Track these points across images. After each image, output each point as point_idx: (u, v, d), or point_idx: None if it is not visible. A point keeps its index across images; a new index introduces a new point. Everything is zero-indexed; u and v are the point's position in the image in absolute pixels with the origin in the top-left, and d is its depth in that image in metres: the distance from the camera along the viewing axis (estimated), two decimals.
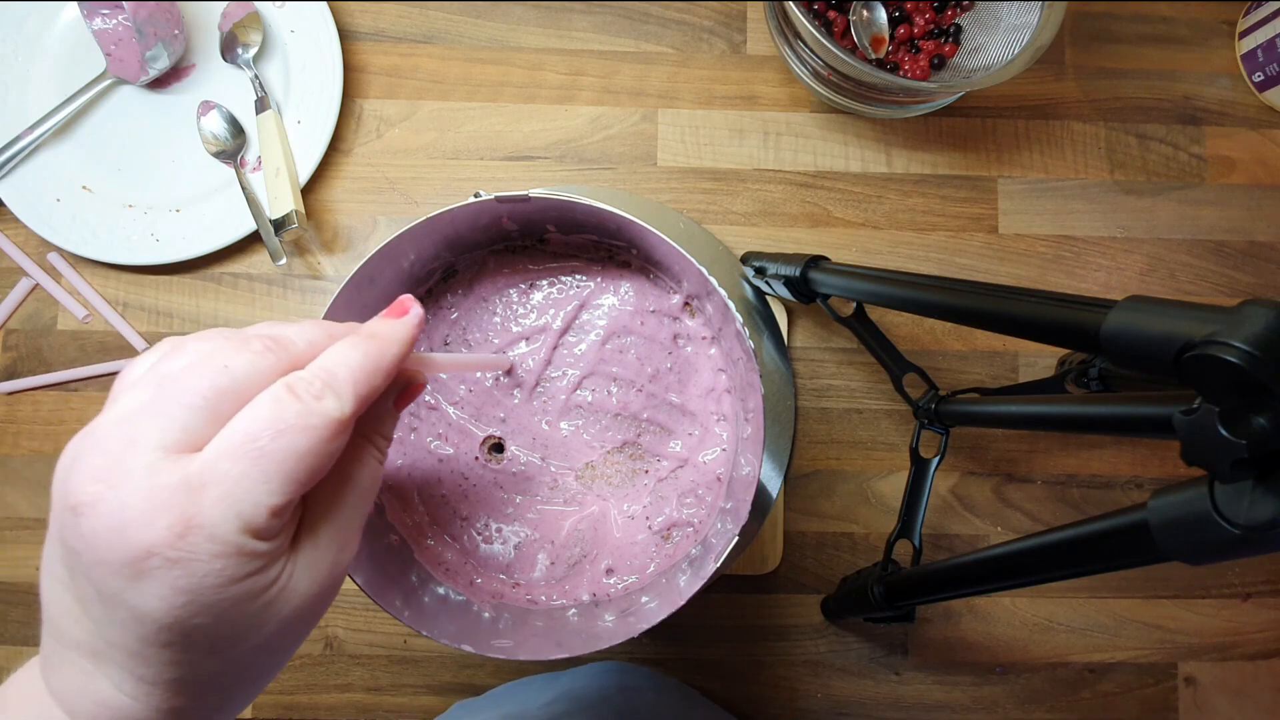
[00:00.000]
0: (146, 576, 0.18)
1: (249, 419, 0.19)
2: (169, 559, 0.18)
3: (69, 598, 0.20)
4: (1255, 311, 0.17)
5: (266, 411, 0.19)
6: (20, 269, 0.51)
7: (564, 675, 0.47)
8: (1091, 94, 0.55)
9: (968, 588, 0.32)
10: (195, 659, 0.20)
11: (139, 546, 0.18)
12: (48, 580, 0.21)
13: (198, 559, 0.18)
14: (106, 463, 0.18)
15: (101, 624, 0.20)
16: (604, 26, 0.54)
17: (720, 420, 0.41)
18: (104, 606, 0.19)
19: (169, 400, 0.19)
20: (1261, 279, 0.54)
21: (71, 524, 0.19)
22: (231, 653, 0.20)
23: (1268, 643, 0.51)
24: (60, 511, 0.19)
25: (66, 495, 0.19)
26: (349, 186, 0.52)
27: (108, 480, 0.18)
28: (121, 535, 0.18)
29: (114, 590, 0.19)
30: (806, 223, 0.53)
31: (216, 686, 0.21)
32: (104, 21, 0.49)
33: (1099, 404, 0.32)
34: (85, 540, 0.18)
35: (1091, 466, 0.52)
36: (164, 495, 0.18)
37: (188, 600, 0.19)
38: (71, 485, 0.19)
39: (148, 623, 0.19)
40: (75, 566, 0.19)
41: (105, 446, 0.19)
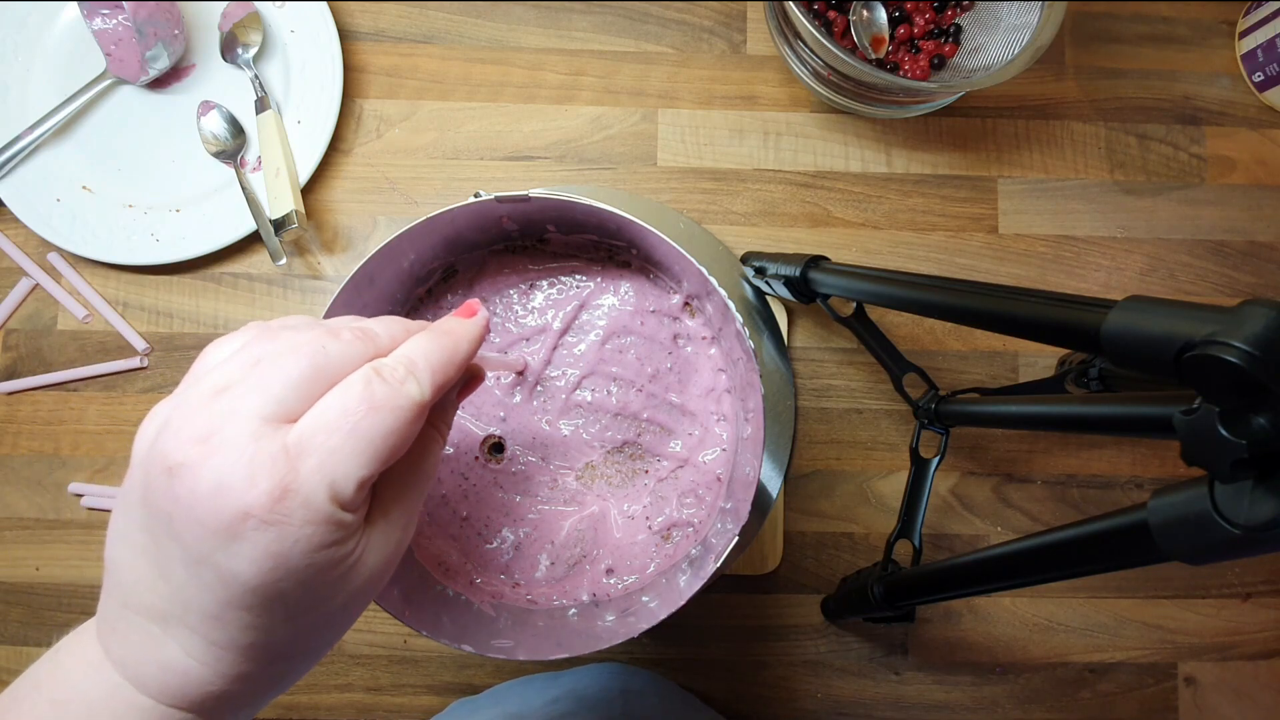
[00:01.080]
0: (241, 538, 0.19)
1: (343, 396, 0.21)
2: (265, 522, 0.19)
3: (144, 562, 0.21)
4: (1255, 311, 0.17)
5: (359, 390, 0.21)
6: (20, 269, 0.51)
7: (565, 675, 0.47)
8: (1091, 94, 0.55)
9: (968, 588, 0.32)
10: (271, 624, 0.21)
11: (237, 508, 0.19)
12: (119, 546, 0.21)
13: (291, 524, 0.19)
14: (206, 428, 0.19)
15: (182, 587, 0.20)
16: (604, 26, 0.54)
17: (720, 420, 0.41)
18: (189, 569, 0.20)
19: (269, 375, 0.20)
20: (1261, 279, 0.54)
21: (165, 485, 0.19)
22: (304, 620, 0.21)
23: (1268, 643, 0.51)
24: (152, 474, 0.20)
25: (162, 457, 0.19)
26: (349, 186, 0.52)
27: (208, 444, 0.19)
28: (220, 497, 0.19)
29: (205, 552, 0.19)
30: (806, 223, 0.53)
31: (283, 654, 0.22)
32: (104, 21, 0.49)
33: (1099, 404, 0.32)
34: (181, 501, 0.19)
35: (1091, 466, 0.52)
36: (264, 461, 0.19)
37: (276, 564, 0.19)
38: (166, 448, 0.19)
39: (234, 585, 0.19)
40: (161, 529, 0.20)
41: (204, 413, 0.20)
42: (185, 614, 0.20)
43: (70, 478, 0.50)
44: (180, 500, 0.19)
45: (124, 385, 0.51)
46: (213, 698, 0.21)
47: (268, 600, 0.20)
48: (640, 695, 0.46)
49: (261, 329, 0.22)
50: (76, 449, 0.50)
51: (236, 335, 0.22)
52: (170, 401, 0.21)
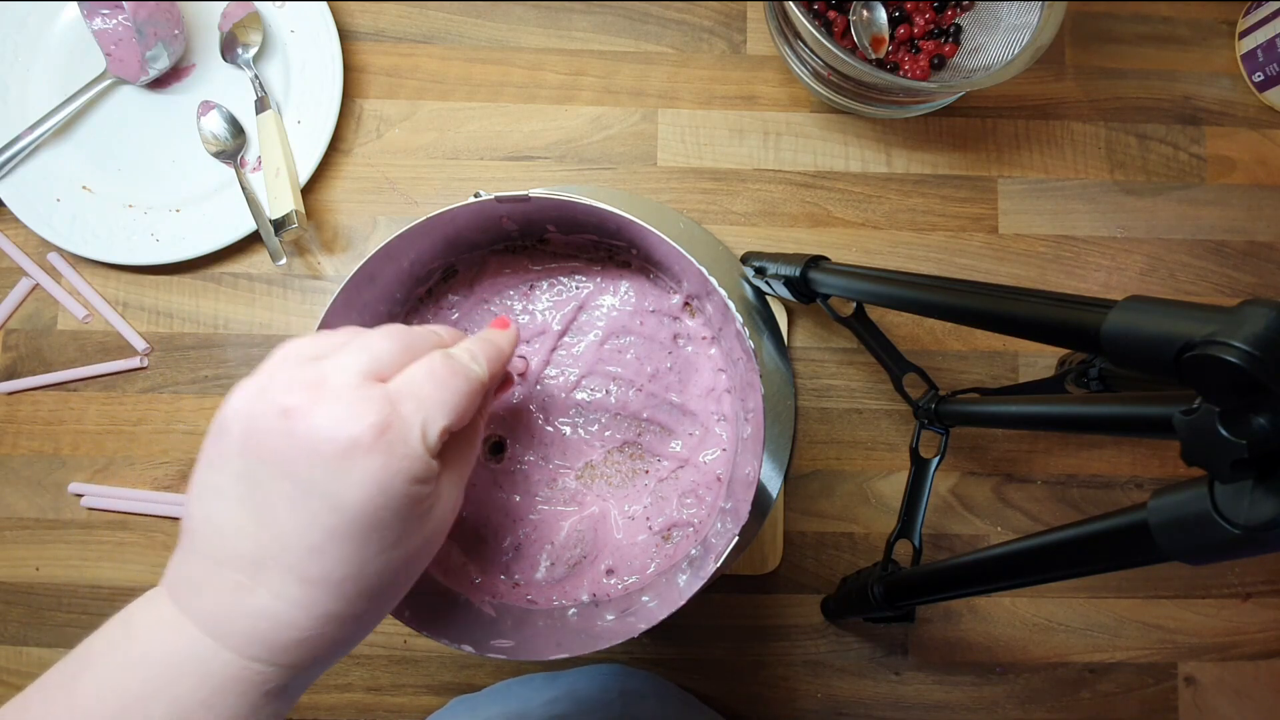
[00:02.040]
0: (351, 465, 0.22)
1: (429, 363, 0.25)
2: (371, 450, 0.22)
3: (241, 511, 0.23)
4: (1255, 311, 0.17)
5: (440, 360, 0.25)
6: (20, 269, 0.51)
7: (564, 675, 0.47)
8: (1091, 94, 0.55)
9: (968, 588, 0.32)
10: (365, 556, 0.23)
11: (350, 438, 0.22)
12: (210, 502, 0.23)
13: (393, 455, 0.22)
14: (316, 377, 0.23)
15: (284, 526, 0.22)
16: (604, 26, 0.54)
17: (720, 420, 0.41)
18: (296, 504, 0.22)
19: (366, 343, 0.24)
20: (1261, 279, 0.54)
21: (280, 426, 0.22)
22: (393, 554, 0.23)
23: (1268, 643, 0.51)
24: (260, 422, 0.22)
25: (273, 404, 0.22)
26: (349, 186, 0.52)
27: (320, 389, 0.23)
28: (335, 429, 0.22)
29: (316, 481, 0.22)
30: (806, 223, 0.53)
31: (368, 592, 0.23)
32: (104, 21, 0.49)
33: (1099, 404, 0.32)
34: (295, 438, 0.22)
35: (1091, 466, 0.52)
36: (369, 401, 0.23)
37: (379, 490, 0.22)
38: (276, 396, 0.22)
39: (342, 512, 0.22)
40: (267, 472, 0.22)
41: (309, 370, 0.23)
42: (284, 553, 0.22)
43: (70, 478, 0.50)
44: (296, 435, 0.22)
45: (124, 385, 0.51)
46: (296, 643, 0.23)
47: (367, 529, 0.22)
48: (640, 696, 0.46)
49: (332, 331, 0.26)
50: (76, 449, 0.50)
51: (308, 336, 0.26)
52: (258, 376, 0.24)
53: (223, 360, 0.51)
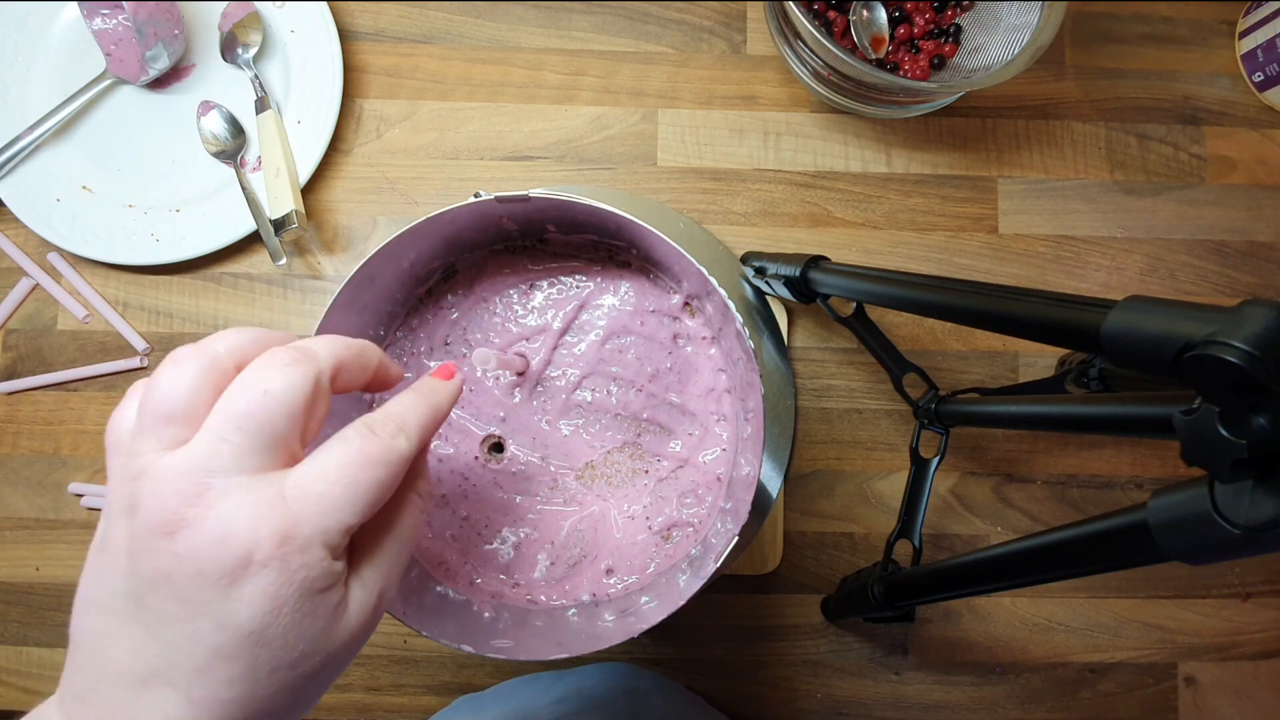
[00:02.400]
0: (242, 583, 0.20)
1: (342, 451, 0.22)
2: (264, 565, 0.20)
3: (122, 627, 0.21)
4: (1255, 311, 0.17)
5: (356, 445, 0.22)
6: (20, 269, 0.51)
7: (570, 674, 0.47)
8: (1091, 94, 0.55)
9: (968, 588, 0.32)
10: (255, 676, 0.21)
11: (241, 553, 0.20)
12: (92, 615, 0.22)
13: (289, 567, 0.21)
14: (194, 489, 0.20)
15: (171, 644, 0.21)
16: (604, 26, 0.54)
17: (720, 420, 0.41)
18: (183, 624, 0.20)
19: (234, 429, 0.21)
20: (1261, 279, 0.54)
21: (162, 546, 0.20)
22: (286, 674, 0.22)
23: (1268, 643, 0.51)
24: (144, 540, 0.20)
25: (155, 524, 0.20)
26: (349, 186, 0.52)
27: (202, 501, 0.20)
28: (224, 545, 0.20)
29: (203, 600, 0.20)
30: (806, 223, 0.53)
31: (261, 713, 0.22)
32: (104, 21, 0.49)
33: (1099, 404, 0.32)
34: (181, 556, 0.20)
35: (1091, 466, 0.52)
36: (263, 508, 0.20)
37: (273, 607, 0.21)
38: (154, 514, 0.20)
39: (229, 630, 0.20)
40: (153, 589, 0.21)
41: (185, 479, 0.20)
42: (169, 671, 0.21)
43: (70, 478, 0.50)
44: (182, 555, 0.20)
45: (124, 385, 0.51)
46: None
47: (257, 647, 0.21)
48: (645, 696, 0.46)
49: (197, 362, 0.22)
50: (76, 449, 0.50)
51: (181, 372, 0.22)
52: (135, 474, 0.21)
53: None
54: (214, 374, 0.22)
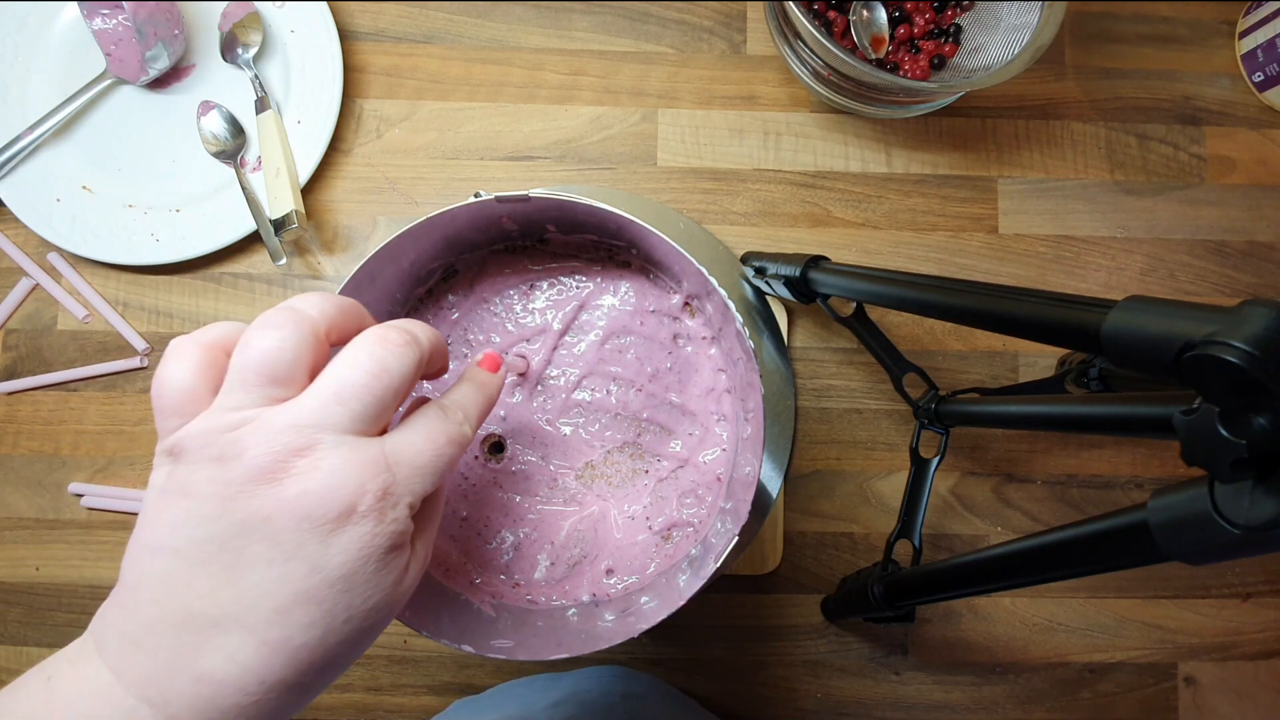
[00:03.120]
0: (343, 530, 0.22)
1: (428, 427, 0.25)
2: (365, 516, 0.22)
3: (197, 570, 0.22)
4: (1255, 311, 0.17)
5: (438, 424, 0.25)
6: (20, 269, 0.51)
7: (567, 677, 0.47)
8: (1091, 94, 0.55)
9: (968, 588, 0.32)
10: (332, 622, 0.22)
11: (346, 503, 0.22)
12: (160, 558, 0.22)
13: (384, 520, 0.23)
14: (304, 441, 0.22)
15: (255, 584, 0.21)
16: (604, 26, 0.54)
17: (720, 420, 0.41)
18: (272, 565, 0.21)
19: (347, 393, 0.23)
20: (1261, 279, 0.54)
21: (266, 490, 0.21)
22: (357, 624, 0.23)
23: (1268, 643, 0.51)
24: (240, 484, 0.22)
25: (256, 470, 0.21)
26: (349, 186, 0.52)
27: (313, 454, 0.22)
28: (332, 493, 0.22)
29: (301, 543, 0.21)
30: (806, 223, 0.53)
31: (321, 662, 0.23)
32: (104, 21, 0.49)
33: (1099, 404, 0.32)
34: (287, 501, 0.21)
35: (1091, 466, 0.52)
36: (368, 466, 0.22)
37: (364, 556, 0.22)
38: (259, 461, 0.22)
39: (321, 573, 0.22)
40: (242, 531, 0.21)
41: (295, 431, 0.22)
42: (245, 614, 0.21)
43: (70, 478, 0.50)
44: (287, 501, 0.21)
45: (124, 385, 0.51)
46: (237, 711, 0.22)
47: (341, 593, 0.22)
48: (642, 699, 0.46)
49: (299, 328, 0.24)
50: (76, 449, 0.50)
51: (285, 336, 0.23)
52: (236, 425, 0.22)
53: None
54: (313, 341, 0.24)
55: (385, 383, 0.24)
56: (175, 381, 0.24)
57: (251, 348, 0.23)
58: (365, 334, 0.25)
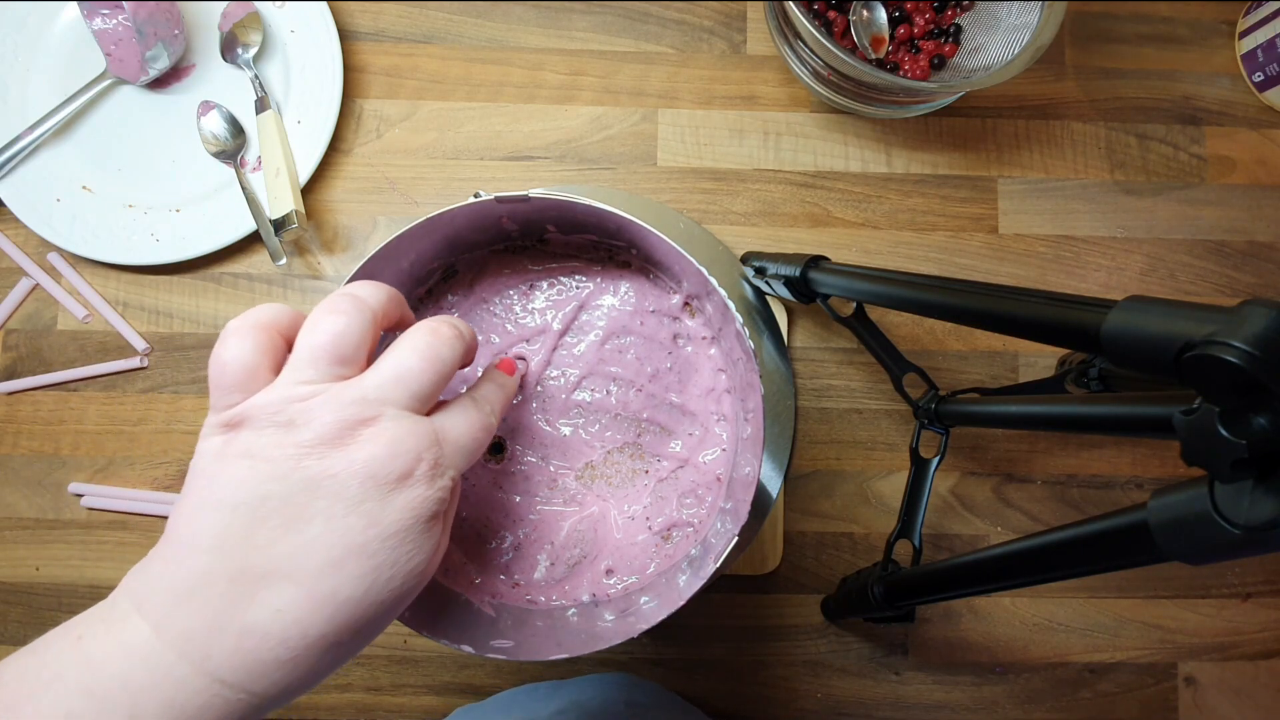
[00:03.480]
0: (401, 490, 0.24)
1: (467, 413, 0.28)
2: (420, 480, 0.25)
3: (258, 524, 0.23)
4: (1255, 311, 0.17)
5: (475, 412, 0.28)
6: (20, 269, 0.51)
7: (569, 684, 0.47)
8: (1091, 94, 0.55)
9: (968, 588, 0.32)
10: (378, 578, 0.24)
11: (406, 466, 0.24)
12: (220, 514, 0.23)
13: (434, 487, 0.25)
14: (369, 412, 0.25)
15: (313, 537, 0.23)
16: (604, 26, 0.54)
17: (720, 420, 0.41)
18: (332, 520, 0.23)
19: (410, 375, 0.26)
20: (1261, 279, 0.54)
21: (333, 453, 0.24)
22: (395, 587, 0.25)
23: (1268, 643, 0.51)
24: (309, 446, 0.24)
25: (325, 434, 0.24)
26: (349, 186, 0.52)
27: (376, 424, 0.25)
28: (395, 457, 0.24)
29: (363, 498, 0.24)
30: (806, 223, 0.53)
31: (360, 620, 0.24)
32: (104, 21, 0.49)
33: (1099, 404, 0.32)
34: (354, 461, 0.24)
35: (1091, 466, 0.52)
36: (424, 439, 0.25)
37: (415, 517, 0.25)
38: (329, 428, 0.24)
39: (378, 527, 0.24)
40: (307, 488, 0.23)
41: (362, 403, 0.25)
42: (298, 568, 0.23)
43: (70, 478, 0.50)
44: (355, 461, 0.24)
45: (124, 385, 0.51)
46: (277, 665, 0.23)
47: (391, 550, 0.24)
48: (645, 709, 0.46)
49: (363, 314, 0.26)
50: (76, 449, 0.50)
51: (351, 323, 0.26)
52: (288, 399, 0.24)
53: None
54: (372, 325, 0.27)
55: (438, 369, 0.27)
56: (239, 359, 0.25)
57: (321, 330, 0.26)
58: (420, 326, 0.28)
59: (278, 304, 0.27)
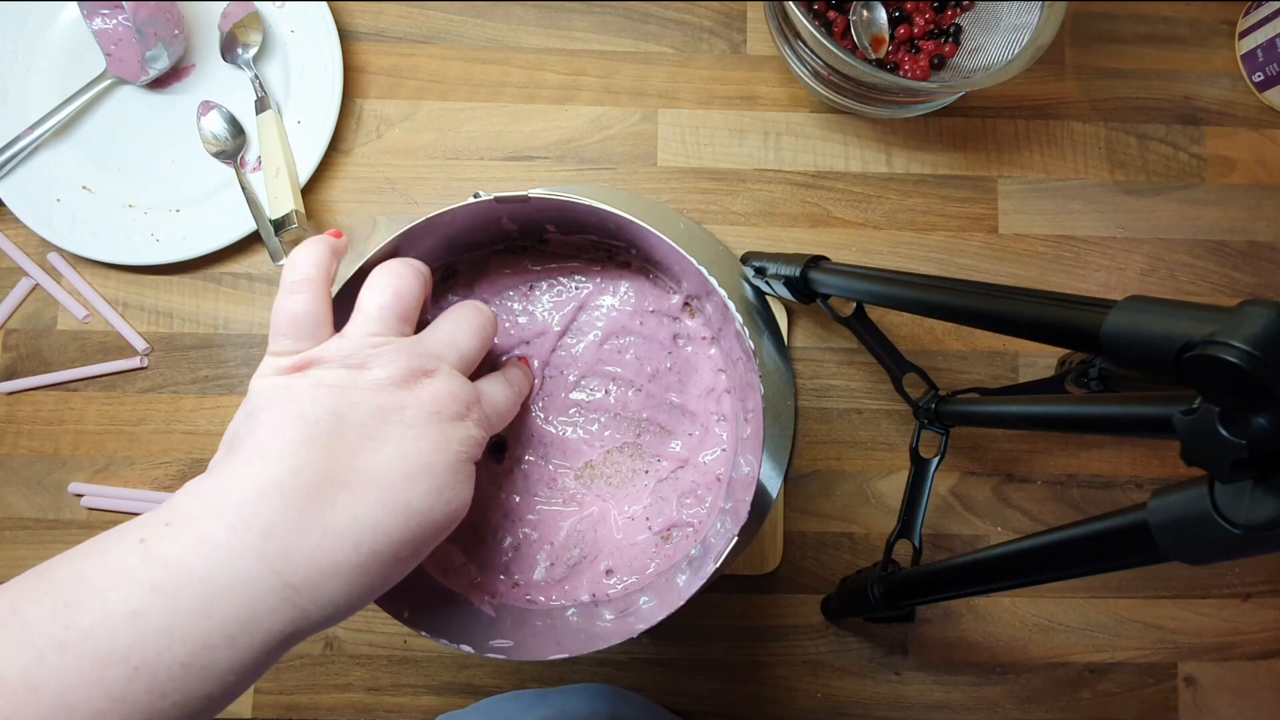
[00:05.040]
0: (460, 423, 0.29)
1: (501, 382, 0.34)
2: (472, 421, 0.29)
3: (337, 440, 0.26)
4: (1255, 311, 0.17)
5: (504, 384, 0.34)
6: (20, 269, 0.51)
7: (554, 694, 0.47)
8: (1091, 94, 0.55)
9: (968, 588, 0.32)
10: (438, 497, 0.27)
11: (463, 406, 0.29)
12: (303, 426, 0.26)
13: (481, 429, 0.30)
14: (429, 363, 0.29)
15: (395, 452, 0.26)
16: (604, 26, 0.54)
17: (720, 420, 0.41)
18: (405, 442, 0.27)
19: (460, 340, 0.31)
20: (1261, 279, 0.54)
21: (401, 391, 0.28)
22: (446, 509, 0.28)
23: (1268, 643, 0.51)
24: (381, 383, 0.27)
25: (396, 375, 0.28)
26: (349, 186, 0.52)
27: (436, 372, 0.29)
28: (455, 398, 0.29)
29: (431, 425, 0.28)
30: (806, 223, 0.53)
31: (419, 537, 0.27)
32: (104, 21, 0.49)
33: (1099, 404, 0.32)
34: (421, 398, 0.28)
35: (1091, 466, 0.52)
36: (471, 391, 0.30)
37: (468, 449, 0.29)
38: (399, 370, 0.28)
39: (445, 451, 0.28)
40: (378, 416, 0.27)
41: (424, 355, 0.29)
42: (378, 478, 0.26)
43: (70, 478, 0.50)
44: (422, 398, 0.28)
45: (124, 385, 0.51)
46: (350, 569, 0.25)
47: (453, 474, 0.28)
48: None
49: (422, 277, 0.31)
50: (76, 449, 0.50)
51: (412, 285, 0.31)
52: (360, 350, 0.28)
53: (223, 360, 0.51)
54: (425, 291, 0.32)
55: (481, 338, 0.32)
56: (310, 313, 0.29)
57: (388, 290, 0.30)
58: (465, 304, 0.32)
59: (316, 250, 0.30)
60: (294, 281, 0.29)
